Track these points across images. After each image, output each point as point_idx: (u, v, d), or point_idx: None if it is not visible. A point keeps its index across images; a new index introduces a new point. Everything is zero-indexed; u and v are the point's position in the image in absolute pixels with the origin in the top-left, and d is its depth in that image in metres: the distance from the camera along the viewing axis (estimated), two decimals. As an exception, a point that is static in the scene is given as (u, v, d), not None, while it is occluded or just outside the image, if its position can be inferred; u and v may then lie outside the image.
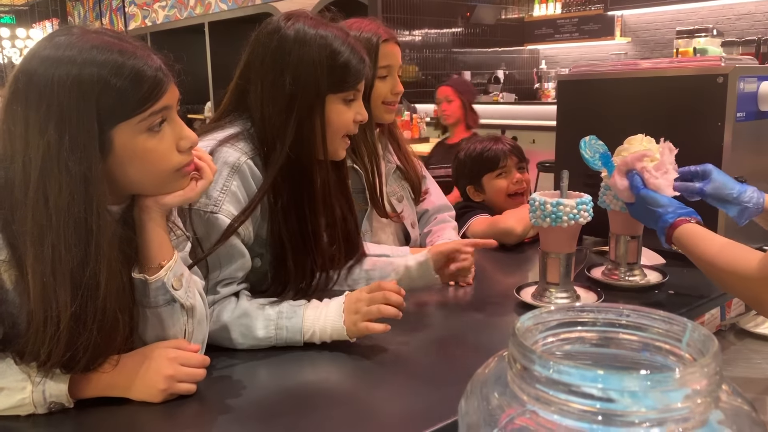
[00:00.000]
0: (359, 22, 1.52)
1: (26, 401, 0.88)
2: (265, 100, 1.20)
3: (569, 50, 6.67)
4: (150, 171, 0.92)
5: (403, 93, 1.58)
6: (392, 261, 1.40)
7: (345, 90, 1.21)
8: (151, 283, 0.95)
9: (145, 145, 0.89)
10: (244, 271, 1.19)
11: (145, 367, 0.94)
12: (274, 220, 1.21)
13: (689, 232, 1.19)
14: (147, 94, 0.87)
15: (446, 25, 6.12)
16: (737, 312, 1.65)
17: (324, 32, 1.20)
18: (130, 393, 0.93)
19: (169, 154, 0.92)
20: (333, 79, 1.19)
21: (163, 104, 0.90)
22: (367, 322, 1.10)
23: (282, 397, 0.99)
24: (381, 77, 1.51)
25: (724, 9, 5.44)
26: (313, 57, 1.18)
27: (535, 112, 5.08)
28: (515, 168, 1.97)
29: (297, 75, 1.18)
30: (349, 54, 1.20)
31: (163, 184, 0.95)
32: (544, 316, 0.56)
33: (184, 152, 0.94)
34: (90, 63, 0.85)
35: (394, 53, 1.53)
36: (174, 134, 0.93)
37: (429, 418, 0.88)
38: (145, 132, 0.89)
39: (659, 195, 1.26)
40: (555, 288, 1.31)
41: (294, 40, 1.19)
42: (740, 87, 1.46)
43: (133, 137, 0.88)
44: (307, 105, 1.19)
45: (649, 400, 0.44)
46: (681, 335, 0.53)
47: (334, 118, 1.22)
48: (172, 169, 0.93)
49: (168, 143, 0.92)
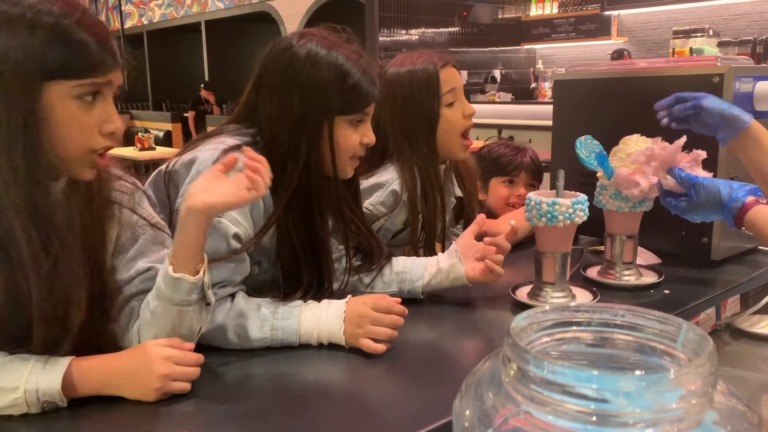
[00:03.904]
0: (411, 56, 1.51)
1: (19, 401, 0.88)
2: (274, 117, 1.19)
3: (566, 50, 6.68)
4: (66, 140, 0.90)
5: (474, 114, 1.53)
6: (423, 261, 1.37)
7: (353, 112, 1.20)
8: (191, 282, 0.96)
9: (72, 110, 0.89)
10: (242, 275, 1.18)
11: (139, 366, 0.93)
12: (283, 233, 1.20)
13: (762, 214, 1.16)
14: (92, 64, 0.88)
15: (443, 25, 6.12)
16: (732, 312, 1.65)
17: (336, 53, 1.18)
18: (124, 392, 0.93)
19: (90, 131, 0.91)
20: (342, 100, 1.18)
21: (105, 80, 0.90)
22: (368, 340, 1.09)
23: (277, 395, 0.99)
24: (448, 105, 1.49)
25: (721, 9, 5.46)
26: (323, 77, 1.16)
27: (531, 112, 5.08)
28: (524, 184, 1.96)
29: (306, 94, 1.17)
30: (360, 76, 1.19)
31: (74, 161, 0.92)
32: (539, 315, 0.56)
33: (105, 136, 0.93)
34: (46, 13, 0.86)
35: (455, 75, 1.51)
36: (102, 113, 0.92)
37: (424, 418, 0.87)
38: (75, 99, 0.89)
39: (717, 179, 1.25)
40: (550, 287, 1.31)
41: (305, 58, 1.17)
42: (736, 87, 1.46)
43: (62, 98, 0.88)
44: (315, 126, 1.18)
45: (643, 400, 0.43)
46: (676, 335, 0.52)
47: (341, 140, 1.20)
48: (87, 148, 0.92)
49: (94, 119, 0.91)
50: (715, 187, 1.23)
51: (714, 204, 1.23)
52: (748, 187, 1.21)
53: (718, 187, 1.23)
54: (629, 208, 1.40)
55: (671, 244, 1.59)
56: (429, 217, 1.49)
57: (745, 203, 1.18)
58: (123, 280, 1.04)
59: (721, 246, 1.52)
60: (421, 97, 1.47)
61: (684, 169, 1.29)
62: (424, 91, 1.47)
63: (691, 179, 1.27)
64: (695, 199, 1.26)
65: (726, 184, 1.23)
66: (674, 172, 1.30)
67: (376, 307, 1.12)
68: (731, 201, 1.20)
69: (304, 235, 1.21)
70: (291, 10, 6.43)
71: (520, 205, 1.93)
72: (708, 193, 1.24)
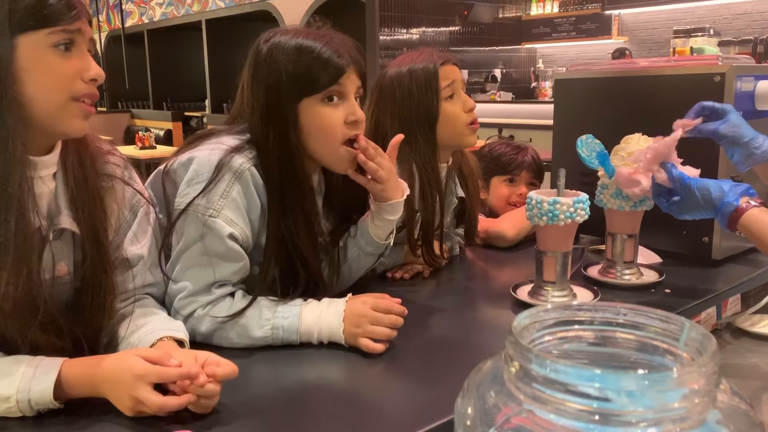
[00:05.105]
0: (412, 55, 1.50)
1: (12, 409, 0.87)
2: (252, 114, 1.20)
3: (566, 49, 6.67)
4: (49, 90, 0.92)
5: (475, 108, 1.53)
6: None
7: (322, 88, 1.16)
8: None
9: (50, 60, 0.91)
10: (241, 275, 1.18)
11: (116, 380, 0.89)
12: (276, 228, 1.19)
13: (757, 219, 1.14)
14: (59, 13, 0.90)
15: (443, 24, 6.11)
16: (733, 311, 1.66)
17: (297, 38, 1.18)
18: (110, 399, 0.90)
19: (71, 79, 0.93)
20: (303, 80, 1.16)
21: (75, 27, 0.92)
22: (367, 340, 1.09)
23: (277, 394, 0.99)
24: (447, 98, 1.48)
25: (721, 9, 5.45)
26: (280, 66, 1.16)
27: (532, 111, 5.07)
28: (525, 183, 1.96)
29: (268, 86, 1.17)
30: (321, 48, 1.16)
31: (61, 111, 0.94)
32: (541, 314, 0.56)
33: (87, 82, 0.95)
34: None
35: (454, 71, 1.50)
36: (81, 62, 0.94)
37: (425, 417, 0.87)
38: (51, 48, 0.91)
39: (709, 180, 1.22)
40: (551, 286, 1.31)
41: (266, 54, 1.18)
42: (737, 86, 1.46)
43: (38, 49, 0.90)
44: (280, 116, 1.17)
45: (646, 399, 0.43)
46: (678, 334, 0.52)
47: (317, 121, 1.17)
48: (70, 95, 0.94)
49: (73, 67, 0.93)
50: (706, 190, 1.20)
51: (706, 206, 1.21)
52: (740, 189, 1.19)
53: (709, 189, 1.20)
54: (630, 208, 1.40)
55: (672, 244, 1.59)
56: (427, 217, 1.48)
57: (738, 207, 1.16)
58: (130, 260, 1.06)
59: (722, 245, 1.52)
60: (420, 95, 1.46)
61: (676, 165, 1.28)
62: (423, 88, 1.46)
63: (682, 180, 1.24)
64: (686, 200, 1.24)
65: (717, 186, 1.20)
66: (667, 167, 1.28)
67: (376, 307, 1.11)
68: (723, 205, 1.18)
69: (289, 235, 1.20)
70: (291, 9, 6.43)
71: (521, 204, 1.92)
72: (700, 195, 1.21)
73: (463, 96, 1.51)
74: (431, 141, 1.48)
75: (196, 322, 1.12)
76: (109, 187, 1.04)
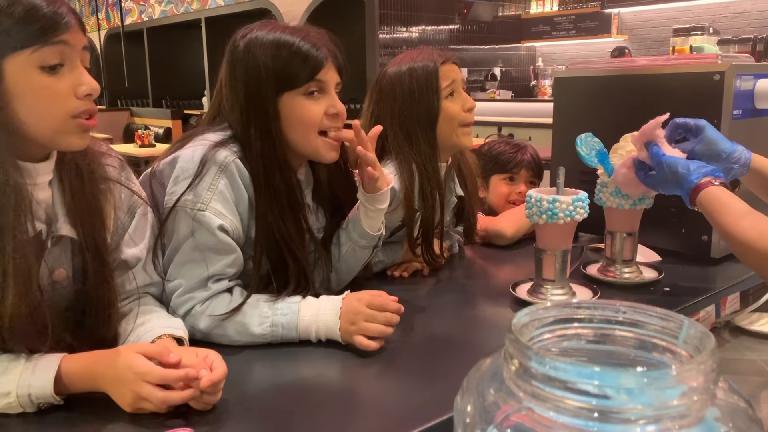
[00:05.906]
0: (412, 54, 1.50)
1: (13, 404, 0.87)
2: (229, 112, 1.20)
3: (566, 47, 6.67)
4: (43, 112, 0.89)
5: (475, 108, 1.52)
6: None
7: (299, 84, 1.17)
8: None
9: (39, 81, 0.88)
10: (236, 268, 1.18)
11: (114, 378, 0.89)
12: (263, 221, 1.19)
13: (711, 197, 1.18)
14: (42, 29, 0.86)
15: (443, 22, 6.11)
16: (732, 309, 1.66)
17: (273, 33, 1.18)
18: (110, 394, 0.90)
19: (66, 97, 0.90)
20: (283, 75, 1.16)
21: (61, 40, 0.88)
22: (362, 337, 1.09)
23: (276, 392, 0.99)
24: (447, 96, 1.48)
25: (721, 7, 5.45)
26: (258, 61, 1.16)
27: (531, 110, 5.07)
28: (525, 181, 1.96)
29: (247, 82, 1.17)
30: (299, 43, 1.17)
31: (59, 131, 0.91)
32: (541, 312, 0.56)
33: (82, 99, 0.91)
34: None
35: (455, 70, 1.50)
36: (73, 78, 0.91)
37: (424, 415, 0.87)
38: (38, 68, 0.87)
39: (681, 159, 1.25)
40: (551, 284, 1.31)
41: (243, 50, 1.18)
42: (737, 85, 1.46)
43: (25, 71, 0.87)
44: (261, 111, 1.17)
45: (645, 397, 0.43)
46: (678, 332, 0.52)
47: (298, 113, 1.18)
48: (67, 114, 0.90)
49: (65, 85, 0.90)
50: (675, 167, 1.24)
51: (674, 182, 1.25)
52: (705, 169, 1.22)
53: (677, 167, 1.24)
54: (629, 206, 1.40)
55: (671, 242, 1.59)
56: (427, 215, 1.48)
57: (698, 184, 1.20)
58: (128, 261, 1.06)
59: (721, 244, 1.52)
60: (420, 94, 1.46)
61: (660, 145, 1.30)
62: (423, 87, 1.46)
63: (658, 156, 1.28)
64: (658, 175, 1.28)
65: (685, 165, 1.24)
66: (649, 145, 1.30)
67: (371, 304, 1.12)
68: (686, 182, 1.22)
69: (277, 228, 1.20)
70: (291, 7, 6.42)
71: (520, 203, 1.92)
72: (668, 172, 1.25)
73: (463, 95, 1.51)
74: (431, 140, 1.48)
75: (195, 319, 1.12)
76: (106, 190, 1.03)
